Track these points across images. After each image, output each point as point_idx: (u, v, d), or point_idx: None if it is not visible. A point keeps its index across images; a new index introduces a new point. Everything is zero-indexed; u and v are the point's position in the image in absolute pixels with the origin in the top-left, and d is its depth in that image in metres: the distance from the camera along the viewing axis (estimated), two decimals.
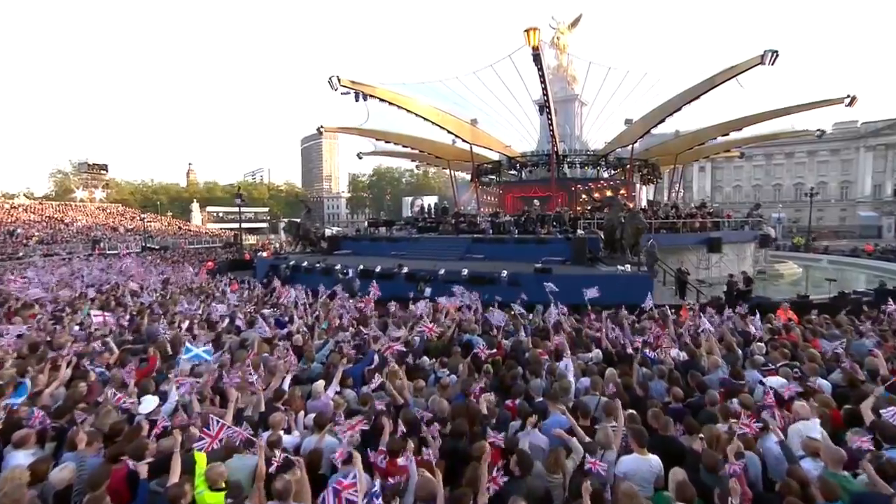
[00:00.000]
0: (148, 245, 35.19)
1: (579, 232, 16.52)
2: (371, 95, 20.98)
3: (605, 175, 27.21)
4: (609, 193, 18.53)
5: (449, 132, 25.02)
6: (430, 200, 48.11)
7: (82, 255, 28.58)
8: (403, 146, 29.34)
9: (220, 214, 66.55)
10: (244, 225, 60.38)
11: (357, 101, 20.41)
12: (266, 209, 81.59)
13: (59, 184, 55.92)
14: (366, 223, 26.47)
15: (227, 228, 55.18)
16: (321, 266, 17.03)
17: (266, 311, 9.80)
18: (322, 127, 25.96)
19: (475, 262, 15.88)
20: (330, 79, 18.98)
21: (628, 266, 13.23)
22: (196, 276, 15.86)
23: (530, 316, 9.71)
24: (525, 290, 10.84)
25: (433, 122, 23.85)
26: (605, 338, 7.12)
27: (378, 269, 15.66)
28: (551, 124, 22.30)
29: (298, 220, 22.98)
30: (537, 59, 16.66)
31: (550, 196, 24.09)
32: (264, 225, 73.08)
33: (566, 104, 31.30)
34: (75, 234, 35.52)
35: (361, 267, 16.03)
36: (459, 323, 8.52)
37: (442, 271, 14.66)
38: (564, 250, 15.68)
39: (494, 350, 6.76)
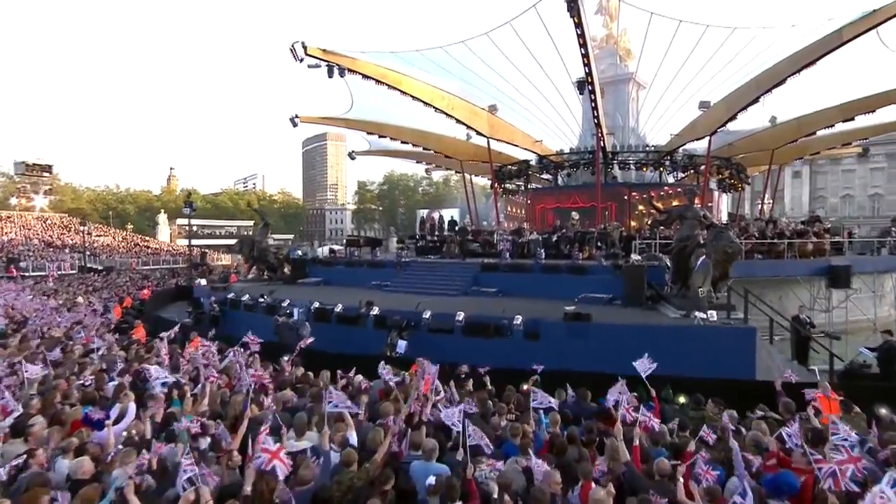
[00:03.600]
0: (88, 265, 34.00)
1: (634, 257, 13.85)
2: (350, 70, 19.24)
3: (671, 179, 26.05)
4: (678, 203, 15.79)
5: (458, 122, 23.22)
6: (451, 214, 45.77)
7: None
8: (403, 142, 27.67)
9: (194, 228, 66.15)
10: (224, 242, 59.99)
11: (331, 76, 18.69)
12: (251, 223, 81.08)
13: (5, 188, 56.70)
14: (344, 242, 24.43)
15: (202, 245, 54.24)
16: (266, 301, 14.89)
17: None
18: (297, 117, 24.11)
19: (483, 300, 14.30)
20: (292, 47, 17.20)
21: (713, 313, 10.17)
22: (102, 317, 13.68)
23: (550, 402, 6.47)
24: (546, 350, 9.54)
25: (436, 108, 22.11)
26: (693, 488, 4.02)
27: (338, 308, 13.47)
28: (595, 109, 19.79)
29: (253, 237, 20.78)
30: (573, 5, 13.94)
31: (595, 207, 22.57)
32: None
33: (617, 86, 29.63)
34: None
35: (316, 305, 13.77)
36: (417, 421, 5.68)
37: (427, 314, 12.21)
38: (612, 284, 13.69)
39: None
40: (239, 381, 7.19)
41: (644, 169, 25.62)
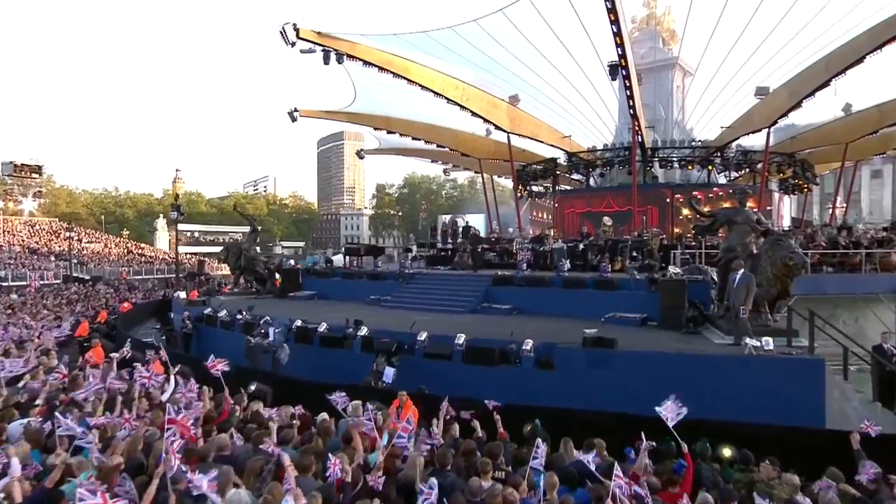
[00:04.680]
0: (73, 274, 34.50)
1: (672, 270, 13.01)
2: (350, 56, 19.07)
3: (722, 179, 25.49)
4: (728, 205, 14.89)
5: (474, 114, 22.99)
6: (476, 220, 45.30)
7: None
8: (414, 138, 27.77)
9: (196, 234, 67.33)
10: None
11: (327, 63, 18.54)
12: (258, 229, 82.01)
13: None
14: (342, 250, 24.12)
15: (204, 253, 54.91)
16: (244, 318, 14.40)
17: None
18: (296, 110, 24.01)
19: (493, 319, 13.78)
20: (282, 29, 17.02)
21: (768, 340, 9.06)
22: (56, 334, 13.30)
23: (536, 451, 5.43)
24: (561, 382, 9.40)
25: (448, 99, 22.00)
26: None
27: (322, 327, 12.93)
28: (630, 97, 19.19)
29: (240, 244, 20.68)
30: None
31: (632, 211, 21.88)
32: (258, 249, 73.16)
33: (660, 72, 29.25)
34: None
35: (298, 323, 13.19)
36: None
37: (423, 336, 11.48)
38: (646, 302, 12.86)
39: None
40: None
41: (690, 167, 25.11)
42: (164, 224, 68.38)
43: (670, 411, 5.68)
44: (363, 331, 12.20)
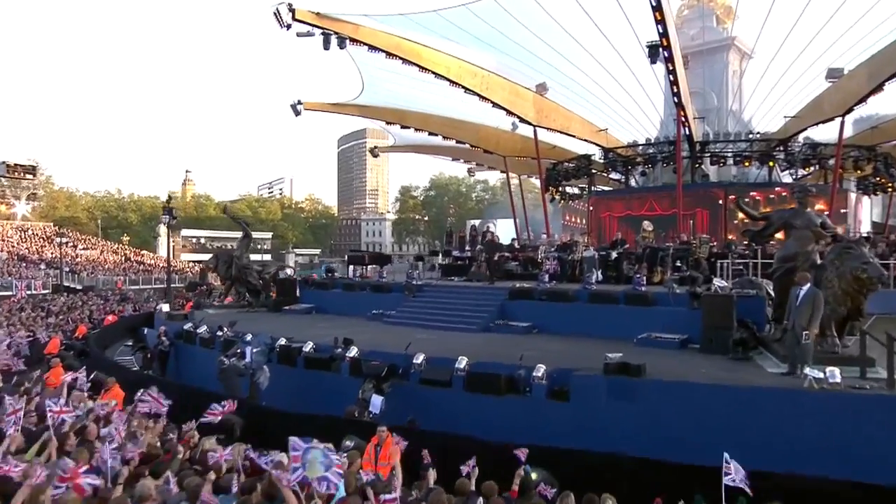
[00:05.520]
0: (64, 283, 35.13)
1: (717, 283, 12.44)
2: (353, 40, 19.00)
3: (786, 178, 25.18)
4: (794, 206, 13.97)
5: (495, 105, 22.89)
6: (507, 225, 45.02)
7: None
8: (431, 133, 27.86)
9: (203, 240, 68.58)
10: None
11: (327, 48, 18.45)
12: (268, 235, 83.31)
13: None
14: (346, 258, 23.95)
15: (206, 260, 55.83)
16: (226, 335, 14.30)
17: None
18: (300, 103, 24.22)
19: (507, 339, 13.62)
20: (276, 10, 17.26)
21: (834, 370, 8.38)
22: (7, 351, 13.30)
23: None
24: (578, 417, 9.04)
25: (465, 88, 21.85)
26: None
27: (308, 347, 12.70)
28: (674, 83, 18.62)
29: (231, 251, 20.83)
30: None
31: (677, 215, 21.51)
32: (268, 257, 74.08)
33: (713, 55, 28.86)
34: None
35: (283, 342, 13.02)
36: None
37: (419, 359, 11.08)
38: (687, 321, 12.42)
39: None
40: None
41: (747, 164, 24.50)
42: (165, 230, 69.92)
43: (736, 476, 4.98)
44: (353, 351, 11.89)
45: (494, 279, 17.78)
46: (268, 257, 73.32)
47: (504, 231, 36.37)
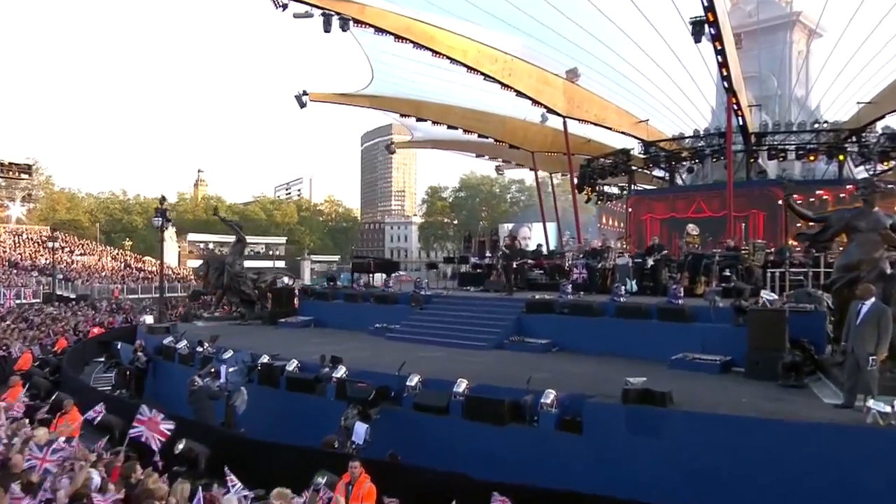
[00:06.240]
0: (57, 292, 35.79)
1: (765, 295, 11.80)
2: (357, 21, 18.84)
3: (861, 173, 24.16)
4: (862, 205, 13.31)
5: (519, 94, 22.64)
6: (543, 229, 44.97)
7: None
8: (449, 126, 27.85)
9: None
10: (253, 264, 62.28)
11: (328, 30, 18.35)
12: (282, 241, 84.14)
13: None
14: (350, 265, 23.88)
15: None
16: (206, 351, 14.31)
17: None
18: (305, 94, 24.54)
19: (522, 358, 13.46)
20: None
21: None
22: None
23: None
24: (591, 453, 8.81)
25: (485, 75, 21.66)
26: None
27: (292, 366, 12.60)
28: (723, 65, 18.32)
29: (222, 257, 21.05)
30: None
31: (727, 217, 20.97)
32: (282, 264, 74.83)
33: (773, 34, 28.50)
34: None
35: (265, 359, 12.90)
36: None
37: (413, 381, 10.77)
38: (731, 340, 12.08)
39: None
40: None
41: (812, 158, 23.91)
42: (172, 233, 71.04)
43: None
44: (340, 371, 11.67)
45: (514, 289, 17.53)
46: (281, 264, 74.07)
47: (540, 236, 36.07)
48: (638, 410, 8.68)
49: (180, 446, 8.94)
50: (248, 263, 62.23)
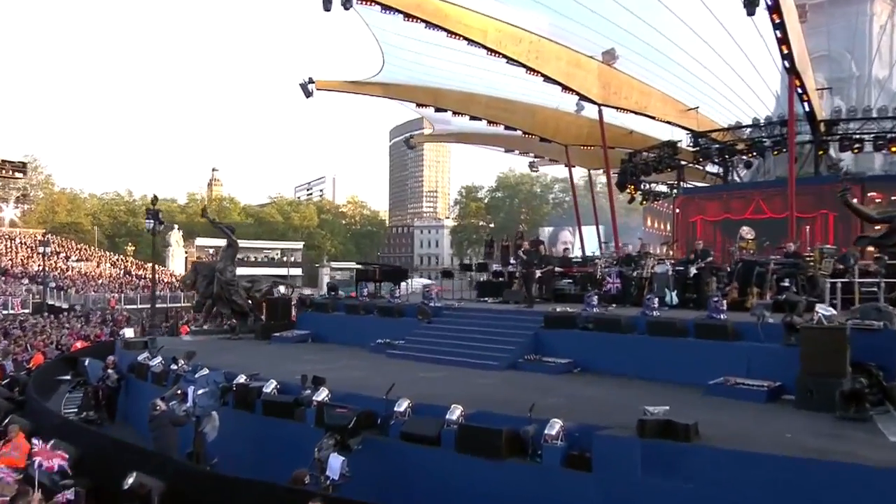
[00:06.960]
0: (48, 301, 36.45)
1: (821, 310, 11.19)
2: None
3: None
4: None
5: (547, 79, 22.20)
6: (589, 233, 44.67)
7: None
8: (472, 117, 27.62)
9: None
10: (263, 271, 63.00)
11: (328, 9, 18.59)
12: (299, 245, 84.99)
13: None
14: (355, 272, 23.84)
15: None
16: (179, 369, 14.22)
17: None
18: (312, 82, 24.64)
19: (536, 378, 13.37)
20: None
21: None
22: None
23: None
24: (601, 496, 8.47)
25: (507, 58, 21.26)
26: None
27: (270, 387, 12.42)
28: (783, 41, 17.83)
29: (212, 264, 21.33)
30: None
31: (789, 219, 20.43)
32: (298, 272, 75.54)
33: (847, 6, 27.72)
34: None
35: (241, 380, 12.76)
36: None
37: (402, 407, 10.47)
38: (781, 362, 11.66)
39: None
40: None
41: (894, 149, 22.83)
42: (178, 237, 72.36)
43: None
44: (322, 394, 11.35)
45: (535, 301, 17.28)
46: (297, 271, 74.72)
47: (589, 241, 35.60)
48: (656, 445, 8.16)
49: (130, 481, 8.69)
50: (261, 271, 63.43)
